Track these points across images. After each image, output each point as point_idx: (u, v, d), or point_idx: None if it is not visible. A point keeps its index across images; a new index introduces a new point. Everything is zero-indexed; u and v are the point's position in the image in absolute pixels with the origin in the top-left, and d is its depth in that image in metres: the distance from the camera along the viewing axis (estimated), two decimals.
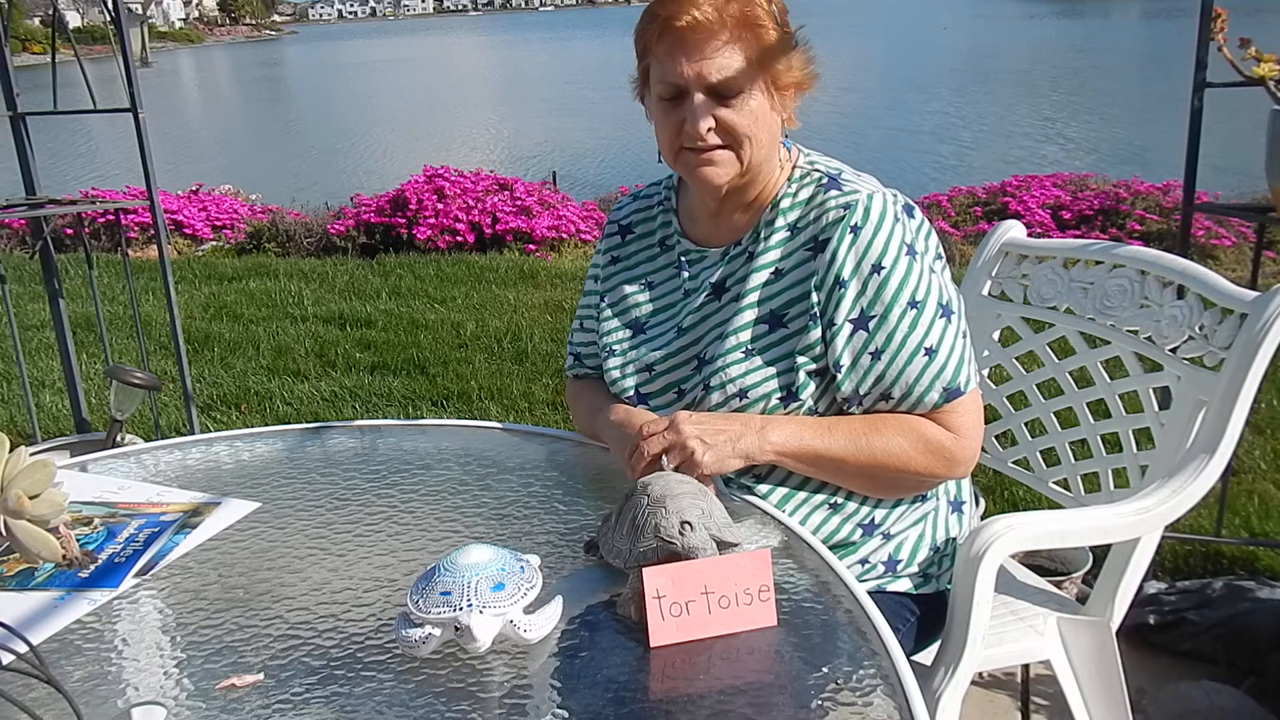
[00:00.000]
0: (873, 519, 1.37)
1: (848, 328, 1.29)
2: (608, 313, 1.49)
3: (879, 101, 20.04)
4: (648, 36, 1.31)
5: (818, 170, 1.37)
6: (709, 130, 1.28)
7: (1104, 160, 10.96)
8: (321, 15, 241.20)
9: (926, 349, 1.29)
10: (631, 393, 1.43)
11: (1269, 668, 2.10)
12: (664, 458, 1.21)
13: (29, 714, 0.79)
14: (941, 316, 1.30)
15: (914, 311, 1.29)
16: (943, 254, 1.37)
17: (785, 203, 1.35)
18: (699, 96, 1.27)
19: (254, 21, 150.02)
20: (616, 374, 1.44)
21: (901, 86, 23.02)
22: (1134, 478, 1.62)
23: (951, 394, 1.30)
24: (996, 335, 1.86)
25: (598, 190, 9.40)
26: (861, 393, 1.30)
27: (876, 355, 1.29)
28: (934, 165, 12.33)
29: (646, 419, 1.34)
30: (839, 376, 1.30)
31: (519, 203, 6.97)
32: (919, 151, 13.76)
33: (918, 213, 1.34)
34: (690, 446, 1.21)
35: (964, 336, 1.33)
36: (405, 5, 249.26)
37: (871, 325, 1.28)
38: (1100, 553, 1.59)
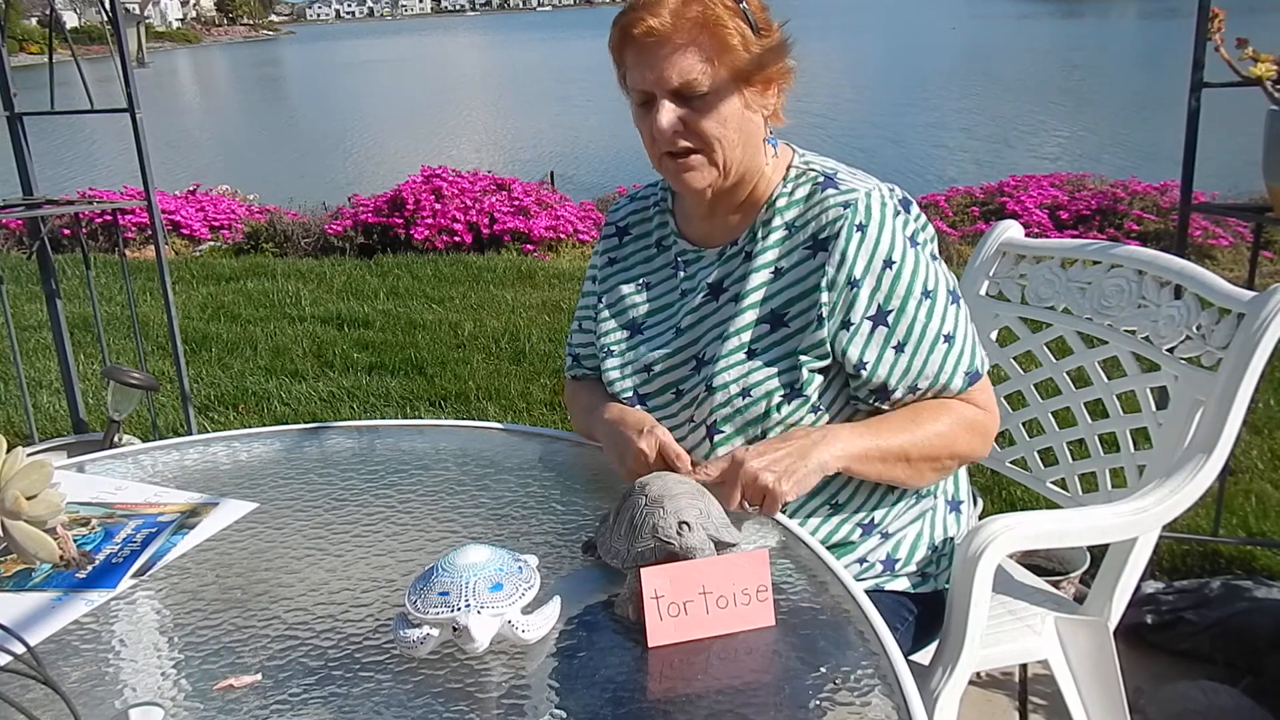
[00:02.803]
0: (872, 519, 1.38)
1: (866, 325, 1.30)
2: (605, 314, 1.49)
3: (891, 101, 20.04)
4: (616, 44, 1.32)
5: (813, 169, 1.37)
6: (676, 134, 1.29)
7: (1102, 160, 10.97)
8: (319, 15, 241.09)
9: (945, 336, 1.31)
10: (630, 394, 1.42)
11: (1267, 667, 2.10)
12: (745, 504, 1.20)
13: (27, 715, 0.78)
14: (953, 302, 1.33)
15: (929, 301, 1.30)
16: (936, 245, 1.37)
17: (781, 202, 1.36)
18: (664, 101, 1.28)
19: (251, 22, 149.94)
20: (615, 375, 1.44)
21: (908, 88, 23.02)
22: (1131, 477, 1.62)
23: (973, 377, 1.33)
24: (994, 335, 1.86)
25: (595, 190, 9.39)
26: (890, 387, 1.31)
27: (900, 348, 1.30)
28: (933, 165, 12.33)
29: (640, 418, 1.35)
30: (864, 374, 1.31)
31: (517, 203, 6.97)
32: (921, 149, 13.78)
33: (913, 205, 1.35)
34: (764, 482, 1.19)
35: (969, 321, 1.36)
36: (403, 5, 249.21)
37: (890, 319, 1.29)
38: (1098, 552, 1.59)
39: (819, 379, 1.32)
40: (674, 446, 1.28)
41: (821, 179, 1.35)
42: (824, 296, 1.30)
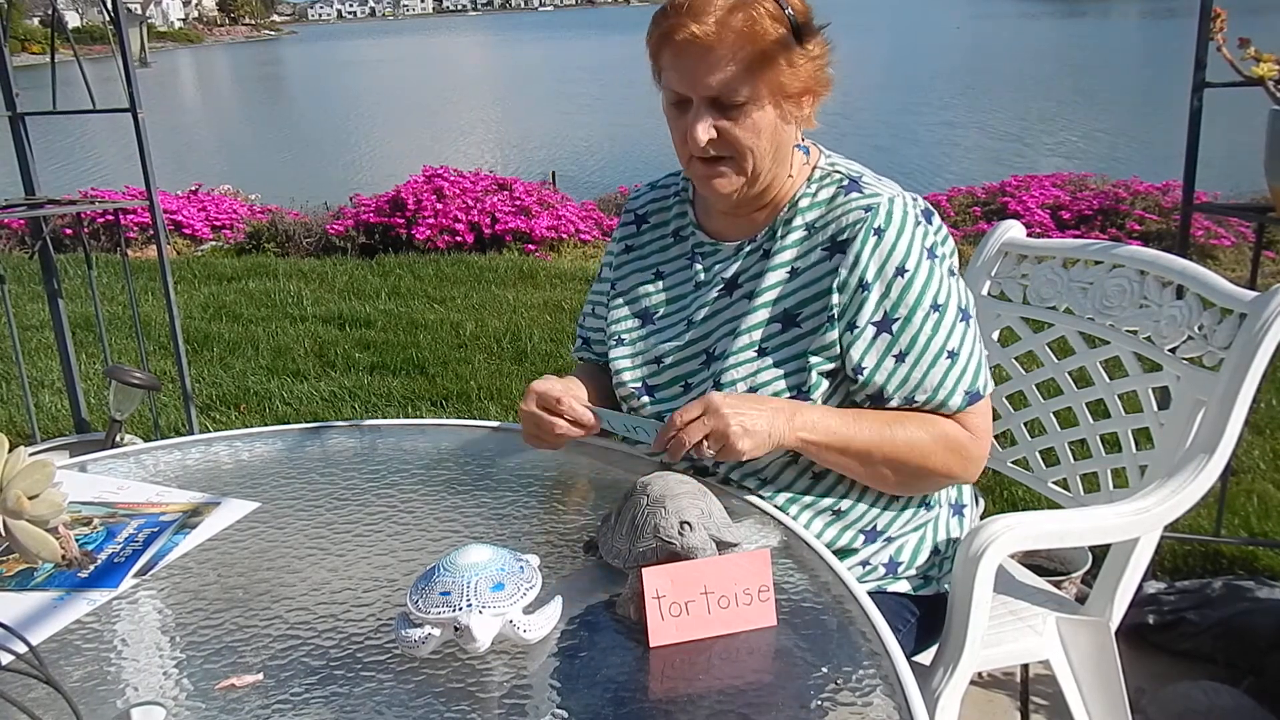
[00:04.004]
0: (875, 525, 1.37)
1: (870, 330, 1.29)
2: (618, 301, 1.49)
3: (901, 100, 20.04)
4: (654, 43, 1.31)
5: (838, 171, 1.37)
6: (709, 141, 1.28)
7: (1103, 160, 10.97)
8: (321, 15, 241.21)
9: (949, 352, 1.29)
10: (639, 384, 1.42)
11: (1268, 667, 2.10)
12: (704, 444, 1.19)
13: (28, 714, 0.79)
14: (962, 320, 1.31)
15: (936, 314, 1.29)
16: (956, 261, 1.37)
17: (804, 202, 1.35)
18: (700, 110, 1.27)
19: (253, 21, 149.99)
20: (625, 364, 1.44)
21: (915, 87, 23.00)
22: (1133, 478, 1.62)
23: (973, 397, 1.31)
24: (996, 335, 1.86)
25: (597, 190, 9.39)
26: (886, 396, 1.30)
27: (900, 358, 1.29)
28: (947, 163, 12.33)
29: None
30: (861, 379, 1.30)
31: (518, 203, 6.96)
32: (934, 147, 13.80)
33: (936, 218, 1.34)
34: (731, 433, 1.18)
35: (980, 340, 1.34)
36: (404, 5, 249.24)
37: (895, 328, 1.28)
38: (1099, 553, 1.59)
39: (826, 383, 1.31)
40: (549, 396, 1.29)
41: (846, 182, 1.34)
42: (835, 298, 1.30)
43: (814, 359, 1.31)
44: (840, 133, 13.82)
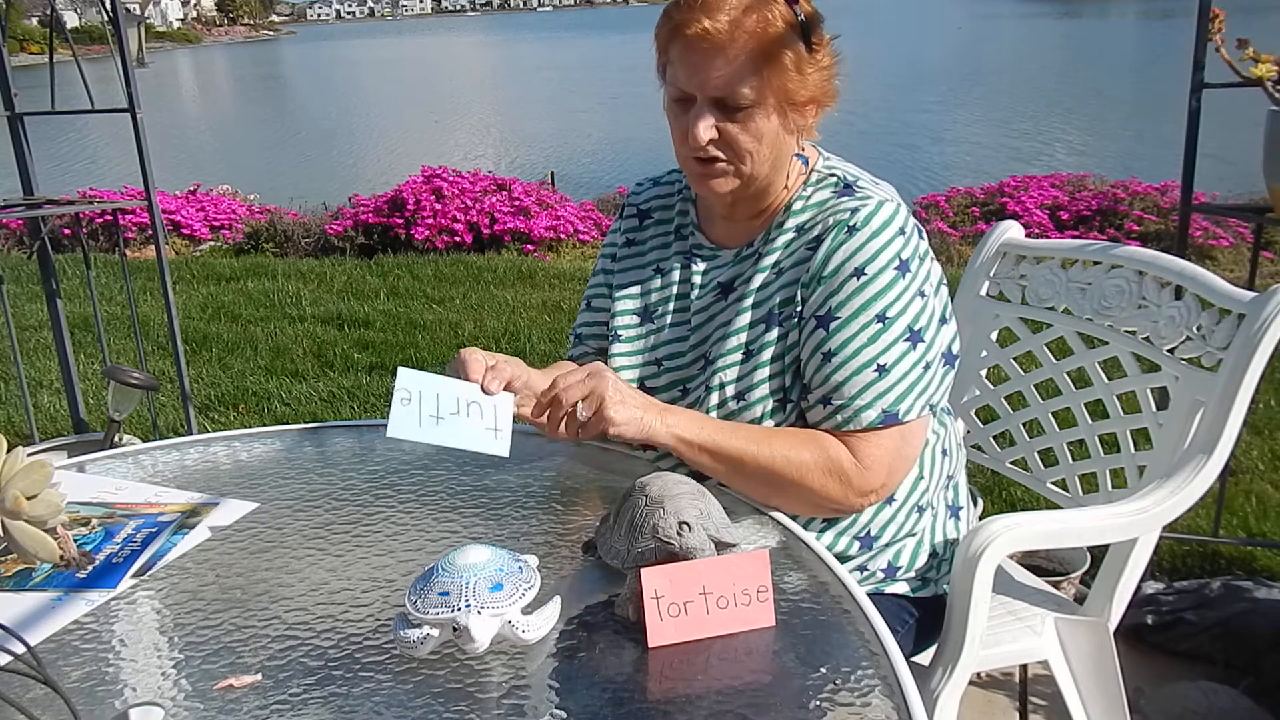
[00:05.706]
0: (869, 531, 1.36)
1: (812, 323, 1.28)
2: (618, 295, 1.49)
3: (909, 100, 20.06)
4: (663, 36, 1.30)
5: (834, 175, 1.36)
6: (709, 141, 1.27)
7: (1102, 161, 10.98)
8: (319, 15, 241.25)
9: (879, 366, 1.25)
10: (636, 384, 1.42)
11: (1266, 668, 2.11)
12: (579, 405, 1.22)
13: (27, 715, 0.78)
14: (906, 339, 1.27)
15: (879, 326, 1.26)
16: (945, 282, 1.35)
17: (797, 205, 1.35)
18: (704, 109, 1.26)
19: (252, 22, 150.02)
20: (623, 362, 1.44)
21: (920, 87, 23.02)
22: (1132, 478, 1.62)
23: (890, 418, 1.26)
24: (994, 336, 1.86)
25: (596, 190, 9.40)
26: (808, 390, 1.29)
27: (827, 357, 1.27)
28: (932, 165, 12.34)
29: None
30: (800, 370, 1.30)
31: (517, 203, 6.97)
32: (920, 150, 13.80)
33: (924, 238, 1.32)
34: (609, 396, 1.21)
35: (927, 369, 1.28)
36: (403, 5, 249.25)
37: (832, 326, 1.27)
38: (1098, 553, 1.59)
39: (799, 385, 1.31)
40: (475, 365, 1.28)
41: (841, 185, 1.34)
42: (800, 292, 1.30)
43: (787, 358, 1.30)
44: (858, 130, 13.84)
